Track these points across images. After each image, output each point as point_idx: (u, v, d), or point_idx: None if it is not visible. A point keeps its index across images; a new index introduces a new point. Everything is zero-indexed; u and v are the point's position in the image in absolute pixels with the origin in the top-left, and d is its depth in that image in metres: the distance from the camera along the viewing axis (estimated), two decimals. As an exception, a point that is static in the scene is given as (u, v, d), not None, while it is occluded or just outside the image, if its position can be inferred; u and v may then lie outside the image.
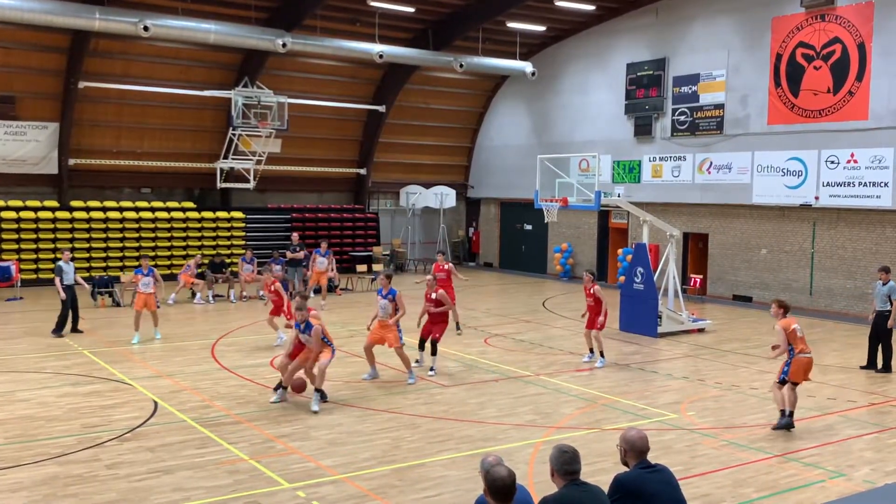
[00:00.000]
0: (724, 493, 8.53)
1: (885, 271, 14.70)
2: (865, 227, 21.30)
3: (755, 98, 23.53)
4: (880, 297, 14.57)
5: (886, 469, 9.44)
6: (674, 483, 5.57)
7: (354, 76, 29.27)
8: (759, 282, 23.59)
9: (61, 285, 16.68)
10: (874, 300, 14.82)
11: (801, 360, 10.79)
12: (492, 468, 4.78)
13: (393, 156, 31.97)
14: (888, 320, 14.38)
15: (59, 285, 16.67)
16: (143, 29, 21.17)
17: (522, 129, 31.67)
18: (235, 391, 12.57)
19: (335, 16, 25.69)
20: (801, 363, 10.79)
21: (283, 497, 8.26)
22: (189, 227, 27.13)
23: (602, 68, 28.30)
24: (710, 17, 24.82)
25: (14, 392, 12.29)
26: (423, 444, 10.10)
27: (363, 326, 15.47)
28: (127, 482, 8.58)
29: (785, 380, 10.80)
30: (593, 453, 9.52)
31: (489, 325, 19.24)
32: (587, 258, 29.10)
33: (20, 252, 24.44)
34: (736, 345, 17.24)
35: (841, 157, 21.49)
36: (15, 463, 9.14)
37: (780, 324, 10.92)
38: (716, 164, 24.63)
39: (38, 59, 24.15)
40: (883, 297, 14.52)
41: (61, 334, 16.82)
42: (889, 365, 14.62)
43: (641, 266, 18.33)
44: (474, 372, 14.26)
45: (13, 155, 24.72)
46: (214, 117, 27.50)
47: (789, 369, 10.80)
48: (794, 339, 10.79)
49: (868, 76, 20.86)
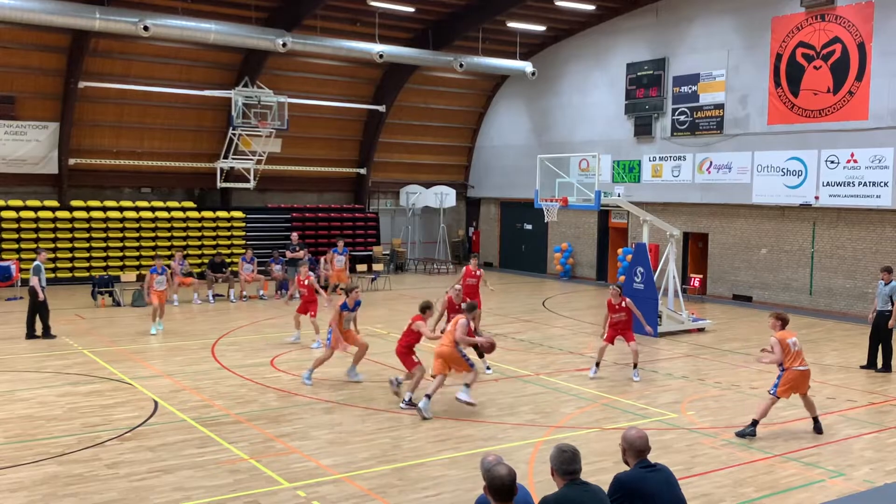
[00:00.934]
0: (724, 493, 8.53)
1: (888, 271, 14.66)
2: (865, 226, 21.31)
3: (755, 98, 23.53)
4: (882, 296, 14.55)
5: (886, 469, 9.44)
6: (673, 482, 5.58)
7: (354, 76, 29.28)
8: (760, 281, 23.59)
9: (40, 286, 16.57)
10: (876, 299, 14.82)
11: (793, 374, 10.51)
12: (492, 467, 4.79)
13: (393, 155, 31.98)
14: (889, 320, 14.38)
15: (38, 285, 16.54)
16: (143, 29, 21.16)
17: (522, 128, 31.67)
18: (236, 391, 12.57)
19: (335, 16, 25.70)
20: (791, 377, 10.51)
21: (284, 496, 8.26)
22: (189, 227, 27.13)
23: (602, 68, 28.31)
24: (710, 17, 24.82)
25: (14, 392, 12.30)
26: (423, 443, 10.11)
27: (362, 326, 15.51)
28: (127, 481, 8.58)
29: (774, 393, 10.63)
30: (593, 453, 9.53)
31: (489, 325, 19.23)
32: (587, 258, 29.11)
33: (20, 252, 24.44)
34: (736, 344, 17.25)
35: (841, 157, 21.49)
36: (15, 462, 9.14)
37: (776, 335, 10.70)
38: (716, 164, 24.64)
39: (38, 58, 24.15)
40: (885, 297, 14.51)
41: (42, 335, 16.75)
42: (889, 364, 14.63)
43: (641, 266, 18.34)
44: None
45: (13, 155, 24.72)
46: (214, 117, 27.50)
47: (778, 383, 10.60)
48: (788, 353, 10.54)
49: (868, 76, 20.86)
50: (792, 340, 10.63)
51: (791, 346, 10.58)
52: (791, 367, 10.52)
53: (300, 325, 16.51)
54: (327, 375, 13.60)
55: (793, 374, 10.52)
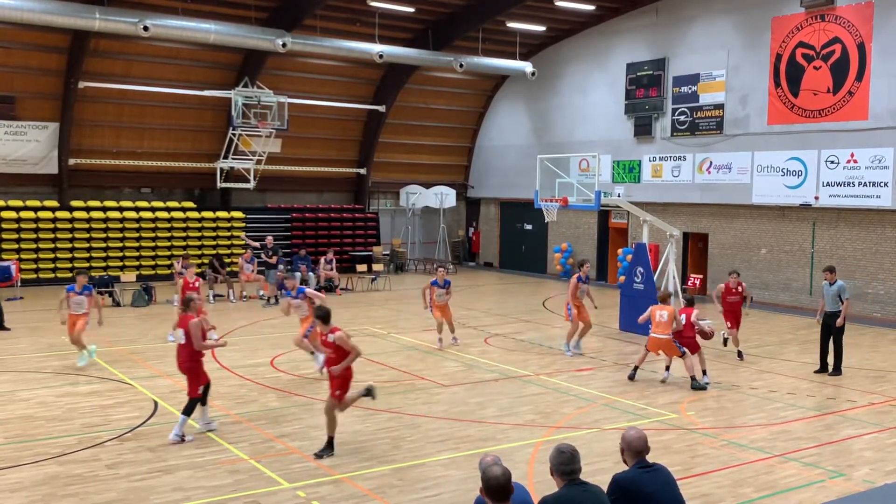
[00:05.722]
0: (724, 493, 8.53)
1: (831, 271, 14.56)
2: (865, 226, 21.31)
3: (755, 98, 23.53)
4: (829, 297, 14.38)
5: (886, 469, 9.44)
6: (672, 482, 5.58)
7: (354, 76, 29.28)
8: (760, 282, 23.59)
9: None
10: (822, 301, 14.59)
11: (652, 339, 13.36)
12: (487, 467, 4.82)
13: (393, 156, 31.97)
14: (837, 320, 14.22)
15: None
16: (143, 29, 21.16)
17: (522, 128, 31.67)
18: (235, 391, 12.57)
19: (335, 16, 25.70)
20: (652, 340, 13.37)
21: (284, 497, 8.26)
22: (189, 227, 27.13)
23: (602, 68, 28.31)
24: (710, 17, 24.82)
25: (14, 392, 12.30)
26: (423, 443, 10.11)
27: (362, 326, 15.50)
28: (127, 482, 8.58)
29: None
30: (593, 453, 9.53)
31: (489, 325, 19.24)
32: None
33: (20, 252, 24.45)
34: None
35: (841, 157, 21.50)
36: (15, 462, 9.14)
37: (670, 310, 13.36)
38: (716, 164, 24.64)
39: (38, 59, 24.16)
40: (832, 298, 14.35)
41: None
42: (839, 367, 14.39)
43: (641, 266, 18.34)
44: (474, 372, 14.26)
45: (13, 155, 24.72)
46: (214, 117, 27.51)
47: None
48: (654, 320, 13.29)
49: (868, 76, 20.86)
50: (660, 313, 13.25)
51: (658, 316, 13.20)
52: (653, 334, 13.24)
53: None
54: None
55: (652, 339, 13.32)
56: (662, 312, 13.28)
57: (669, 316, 13.23)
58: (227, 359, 14.89)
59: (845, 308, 14.27)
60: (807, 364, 15.20)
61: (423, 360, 15.08)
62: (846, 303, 14.33)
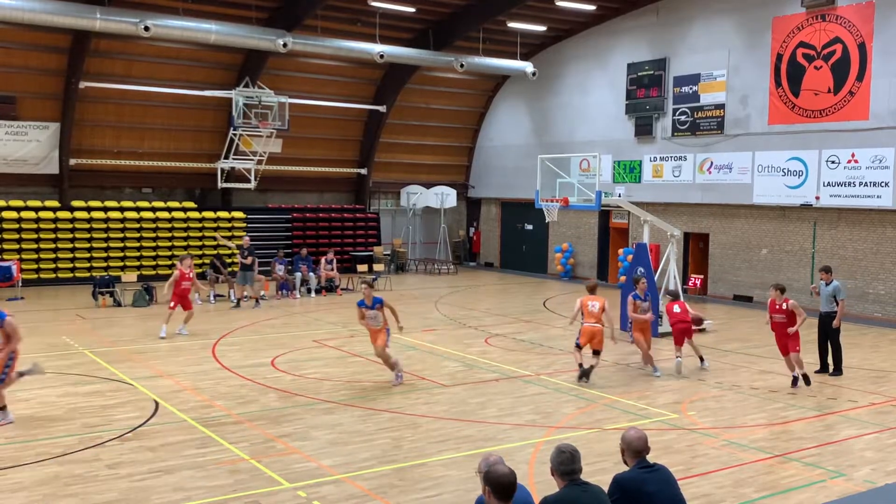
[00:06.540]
0: (725, 493, 8.53)
1: (827, 271, 14.54)
2: (866, 227, 21.30)
3: (756, 98, 23.52)
4: (825, 297, 14.36)
5: (887, 469, 9.43)
6: (672, 482, 5.58)
7: (355, 76, 29.29)
8: (760, 282, 23.57)
9: None
10: (821, 301, 14.59)
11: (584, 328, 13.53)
12: (492, 467, 4.81)
13: (393, 156, 31.98)
14: (833, 321, 14.21)
15: None
16: (144, 29, 21.18)
17: (523, 129, 31.67)
18: (236, 391, 12.58)
19: (336, 16, 25.70)
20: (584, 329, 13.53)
21: (284, 497, 8.26)
22: (190, 227, 27.14)
23: (602, 68, 28.30)
24: (710, 17, 24.82)
25: (14, 392, 12.27)
26: (424, 443, 10.11)
27: (362, 326, 15.47)
28: (128, 482, 8.58)
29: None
30: (593, 453, 9.53)
31: (489, 325, 19.24)
32: (588, 258, 29.11)
33: (21, 252, 24.46)
34: (736, 345, 17.24)
35: (841, 157, 21.49)
36: (15, 463, 9.14)
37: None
38: (716, 164, 24.63)
39: (38, 59, 24.17)
40: (828, 298, 14.32)
41: None
42: (840, 367, 14.37)
43: (642, 266, 18.32)
44: (474, 372, 14.27)
45: (14, 155, 24.74)
46: (215, 117, 27.51)
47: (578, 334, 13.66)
48: (587, 312, 13.42)
49: (868, 76, 20.86)
50: (592, 303, 13.41)
51: (590, 306, 13.40)
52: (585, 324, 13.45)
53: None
54: (328, 376, 13.63)
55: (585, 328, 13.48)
56: (594, 303, 13.43)
57: (600, 307, 13.39)
58: (228, 359, 14.90)
59: (840, 309, 14.26)
60: (807, 364, 15.13)
61: (423, 361, 15.09)
62: (841, 303, 14.33)
